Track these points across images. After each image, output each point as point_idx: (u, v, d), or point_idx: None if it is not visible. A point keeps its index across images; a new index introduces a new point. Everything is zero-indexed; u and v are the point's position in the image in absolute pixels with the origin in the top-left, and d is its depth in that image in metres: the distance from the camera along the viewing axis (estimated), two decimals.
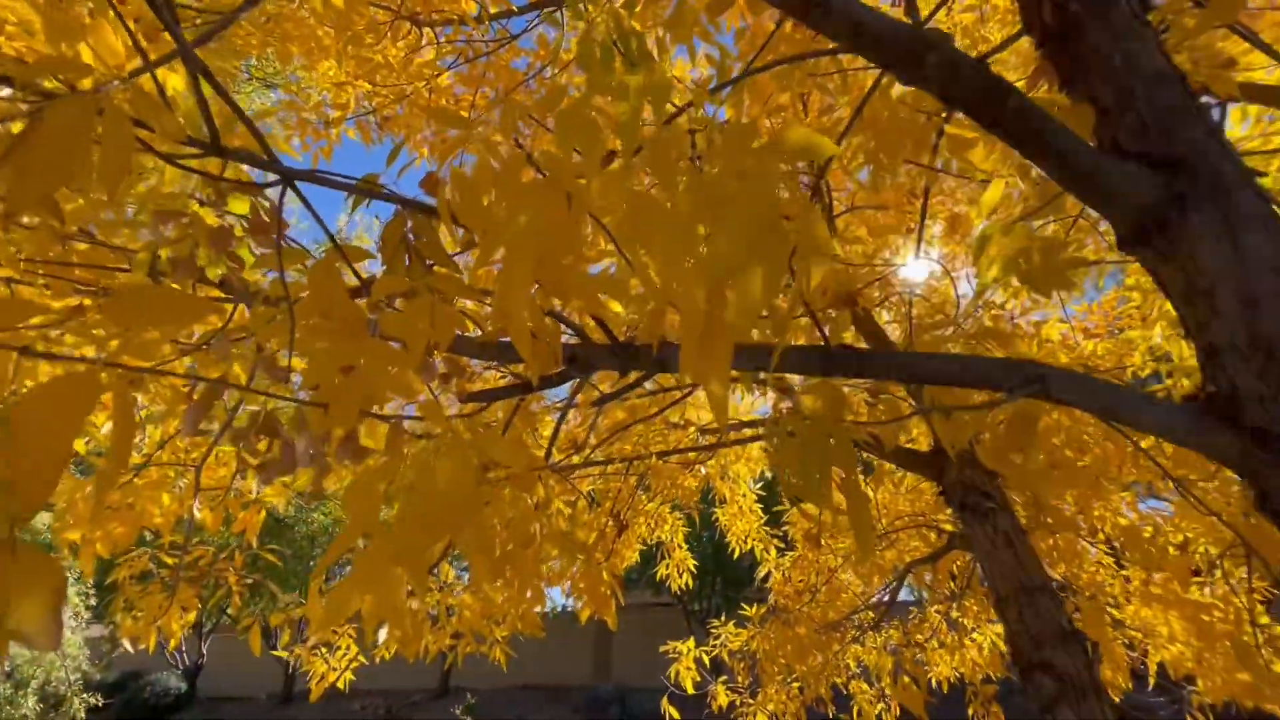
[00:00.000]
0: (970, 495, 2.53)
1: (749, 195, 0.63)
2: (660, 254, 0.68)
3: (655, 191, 0.83)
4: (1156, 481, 3.20)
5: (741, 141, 0.69)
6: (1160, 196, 1.18)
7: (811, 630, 3.93)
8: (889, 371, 1.38)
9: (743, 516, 5.71)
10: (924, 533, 4.01)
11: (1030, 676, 2.15)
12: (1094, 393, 1.19)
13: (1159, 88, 1.24)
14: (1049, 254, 1.45)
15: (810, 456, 1.15)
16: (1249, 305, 1.07)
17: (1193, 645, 3.11)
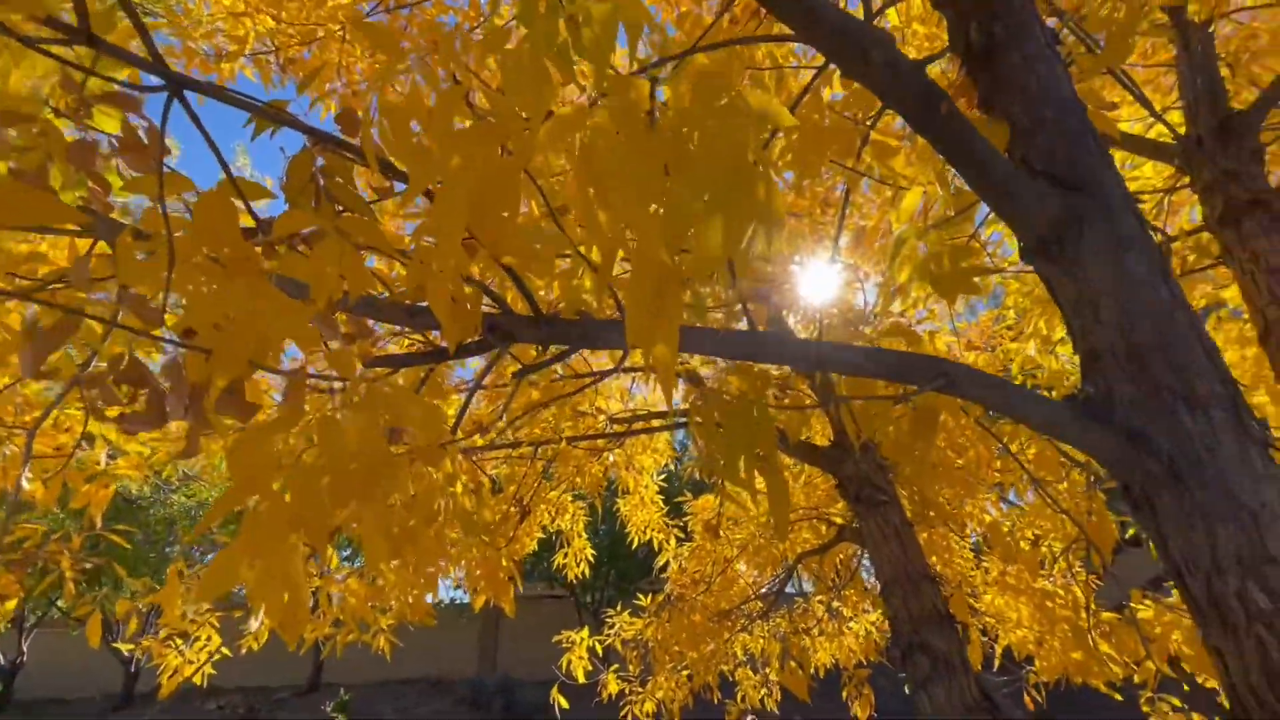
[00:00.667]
0: (865, 489, 2.70)
1: (716, 143, 0.61)
2: (619, 199, 0.63)
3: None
4: (1017, 484, 3.56)
5: (710, 94, 0.66)
6: (1061, 214, 1.28)
7: (705, 618, 4.04)
8: (809, 360, 1.42)
9: (644, 507, 5.76)
10: (816, 525, 4.24)
11: (910, 657, 2.32)
12: (994, 390, 1.28)
13: (1066, 114, 1.35)
14: (958, 259, 1.55)
15: (734, 435, 1.15)
16: (1127, 317, 1.19)
17: (1036, 629, 3.50)
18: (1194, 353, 1.13)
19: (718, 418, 1.18)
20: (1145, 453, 1.12)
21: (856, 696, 4.55)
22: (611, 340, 1.49)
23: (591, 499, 5.48)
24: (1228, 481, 1.04)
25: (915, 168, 1.76)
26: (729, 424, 1.13)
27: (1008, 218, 1.37)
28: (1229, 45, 3.06)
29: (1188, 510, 1.06)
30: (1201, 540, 1.04)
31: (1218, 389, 1.10)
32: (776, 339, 1.45)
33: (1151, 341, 1.16)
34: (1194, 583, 1.06)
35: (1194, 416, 1.09)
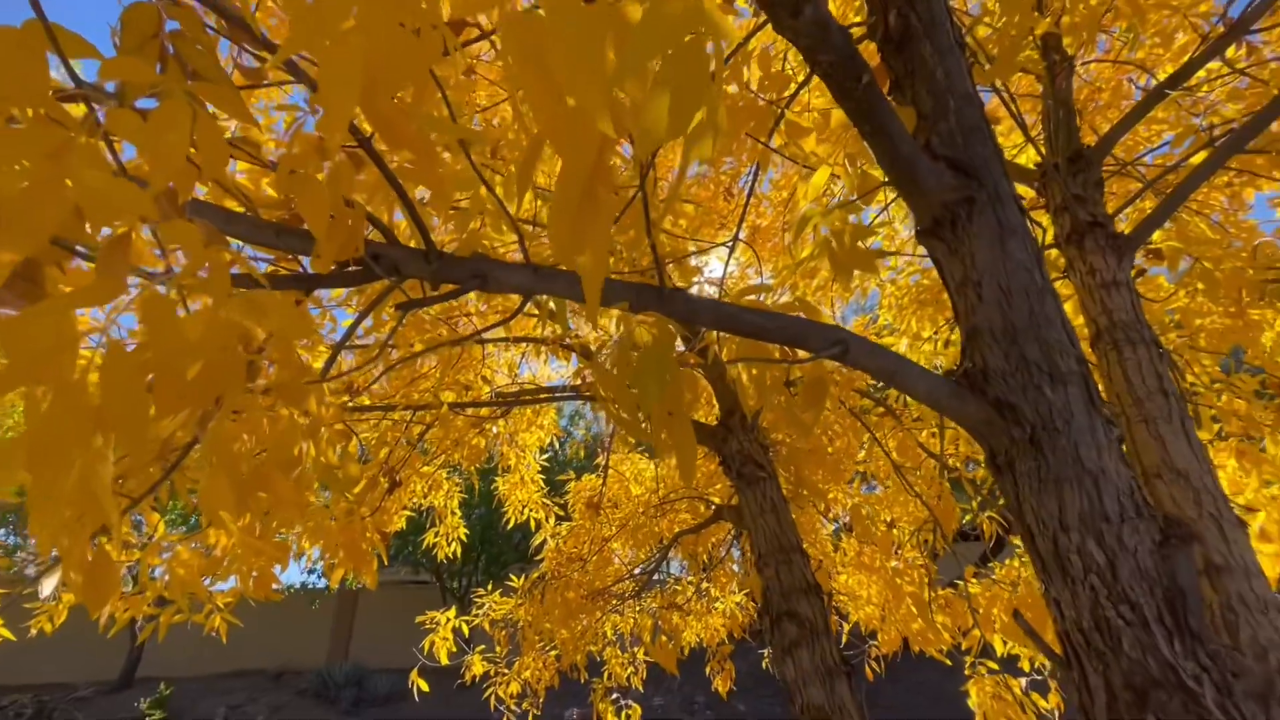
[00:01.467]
0: (747, 465, 2.79)
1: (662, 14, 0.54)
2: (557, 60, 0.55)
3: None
4: (878, 473, 3.86)
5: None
6: (957, 197, 1.36)
7: (579, 597, 4.01)
8: (717, 319, 1.40)
9: (524, 486, 5.61)
10: (694, 505, 4.35)
11: (778, 624, 2.43)
12: (884, 358, 1.33)
13: (967, 106, 1.43)
14: (857, 238, 1.60)
15: (645, 387, 1.09)
16: (1006, 297, 1.28)
17: (883, 605, 3.83)
18: (1059, 333, 1.24)
19: (626, 368, 1.12)
20: (1012, 422, 1.21)
21: (718, 671, 4.75)
22: (512, 282, 1.39)
23: (468, 475, 5.25)
24: (1078, 449, 1.14)
25: (825, 147, 1.81)
26: (639, 375, 1.08)
27: (908, 197, 1.43)
28: (1080, 94, 3.48)
29: (1043, 475, 1.16)
30: (1052, 502, 1.14)
31: (1075, 367, 1.21)
32: (686, 295, 1.42)
33: (1025, 321, 1.25)
34: (1042, 541, 1.16)
35: (1055, 390, 1.19)
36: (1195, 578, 1.04)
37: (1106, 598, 1.05)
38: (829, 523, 4.24)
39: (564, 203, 0.68)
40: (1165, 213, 2.15)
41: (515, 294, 1.42)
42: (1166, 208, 2.13)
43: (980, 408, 1.26)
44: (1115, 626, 1.03)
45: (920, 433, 3.45)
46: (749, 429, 2.88)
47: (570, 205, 0.67)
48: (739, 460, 2.81)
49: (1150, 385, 1.87)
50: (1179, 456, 1.74)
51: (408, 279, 1.44)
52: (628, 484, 4.63)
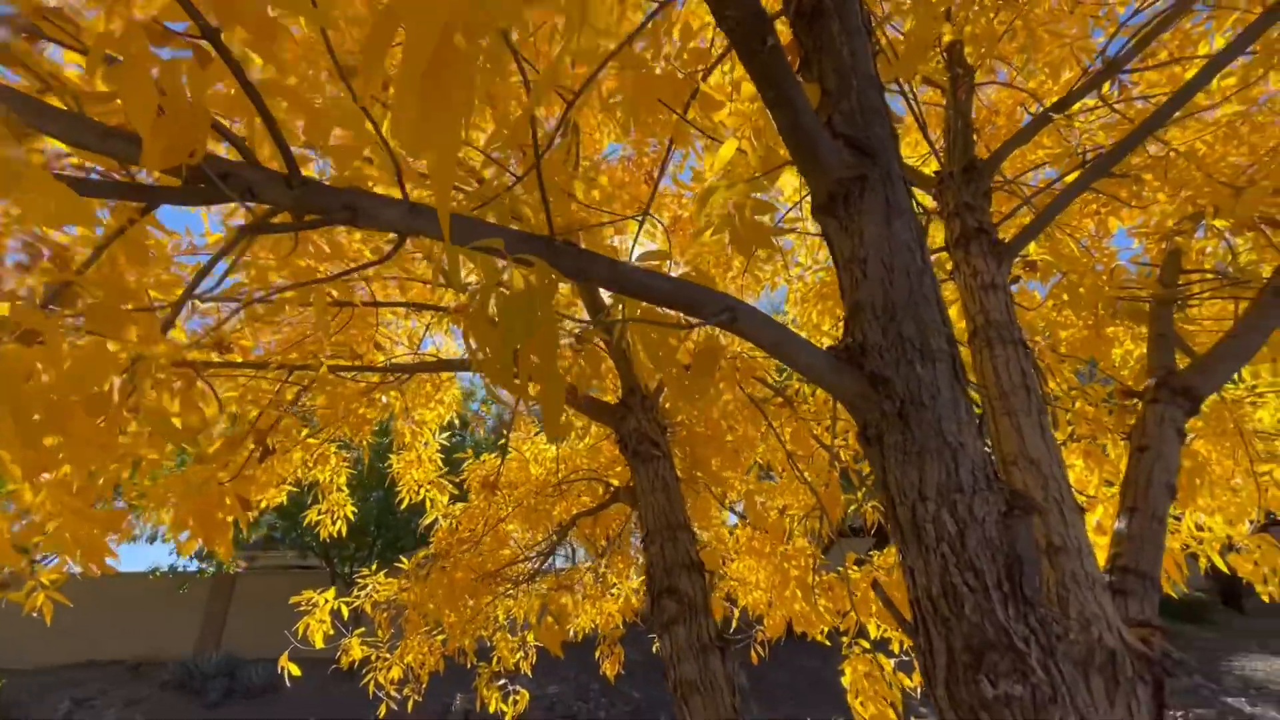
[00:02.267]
0: (643, 444, 2.77)
1: None
2: None
3: None
4: (774, 462, 3.97)
5: None
6: (851, 175, 1.37)
7: (469, 578, 3.86)
8: (610, 278, 1.34)
9: (420, 465, 5.36)
10: (594, 487, 4.30)
11: (659, 601, 2.42)
12: (770, 328, 1.32)
13: (869, 88, 1.45)
14: (758, 212, 1.60)
15: (511, 330, 1.02)
16: (889, 274, 1.31)
17: (771, 590, 3.96)
18: (934, 312, 1.27)
19: (494, 310, 1.04)
20: (884, 396, 1.23)
21: (608, 655, 4.74)
22: (384, 217, 1.27)
23: (359, 450, 4.94)
24: (941, 423, 1.18)
25: (735, 119, 1.79)
26: (506, 318, 1.00)
27: (807, 172, 1.43)
28: (979, 115, 3.71)
29: (907, 447, 1.19)
30: (914, 472, 1.17)
31: (945, 346, 1.25)
32: (578, 249, 1.36)
33: (904, 299, 1.28)
34: (902, 510, 1.19)
35: (925, 367, 1.22)
36: (1033, 547, 1.10)
37: (955, 565, 1.08)
38: (725, 509, 4.33)
39: (407, 81, 0.59)
40: (1040, 226, 2.30)
41: (389, 231, 1.30)
42: (1041, 221, 2.29)
43: (856, 381, 1.28)
44: (960, 593, 1.07)
45: (815, 425, 3.57)
46: (648, 408, 2.86)
47: (413, 84, 0.58)
48: (635, 439, 2.79)
49: (1015, 381, 2.00)
50: (1033, 447, 1.87)
51: (266, 205, 1.29)
52: (528, 464, 4.52)
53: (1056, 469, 1.84)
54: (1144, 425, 2.03)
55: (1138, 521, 1.79)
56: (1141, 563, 1.72)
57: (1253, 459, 3.14)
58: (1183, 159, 2.80)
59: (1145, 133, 2.15)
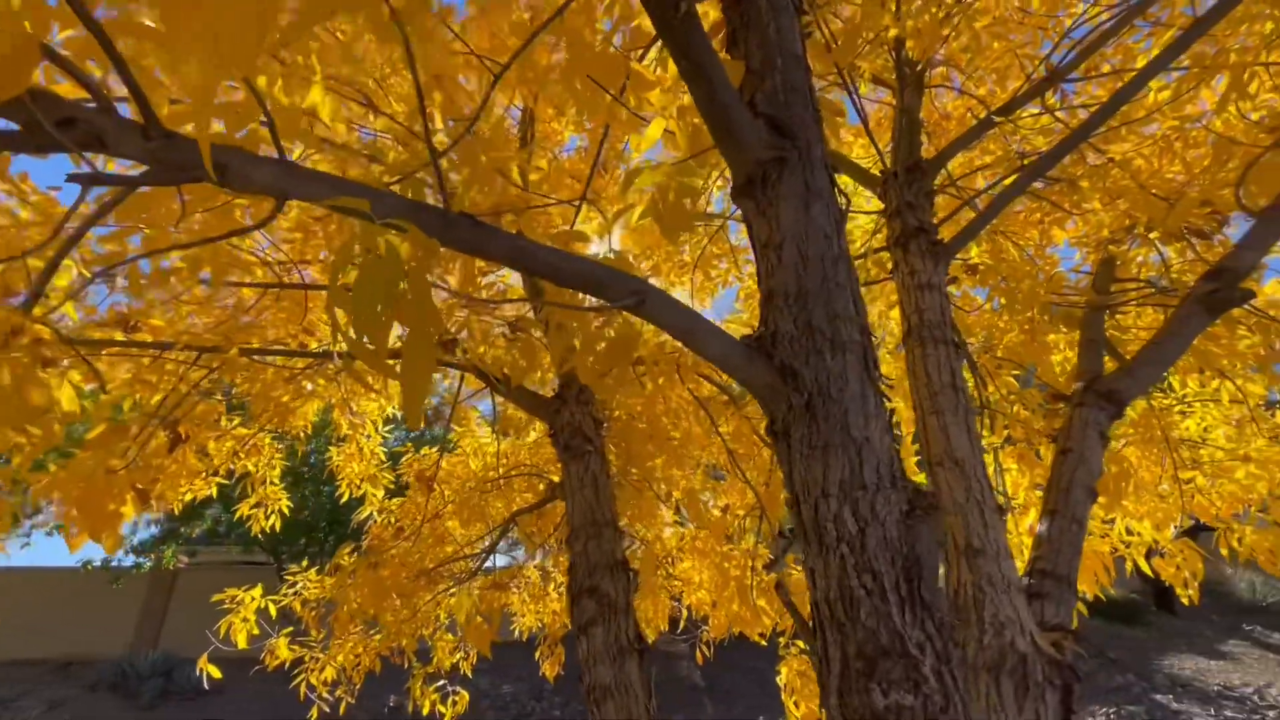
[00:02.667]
0: (575, 438, 2.68)
1: None
2: None
3: None
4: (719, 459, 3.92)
5: None
6: (771, 156, 1.31)
7: (400, 577, 3.70)
8: (509, 254, 1.25)
9: (360, 458, 5.16)
10: (535, 483, 4.18)
11: (579, 601, 2.34)
12: (681, 314, 1.25)
13: (794, 67, 1.39)
14: (683, 194, 1.52)
15: (364, 301, 0.91)
16: (803, 261, 1.25)
17: (713, 590, 3.91)
18: (846, 301, 1.21)
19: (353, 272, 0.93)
20: (793, 388, 1.17)
21: (548, 656, 4.63)
22: (257, 177, 1.15)
23: (291, 440, 4.72)
24: (847, 417, 1.12)
25: (666, 97, 1.72)
26: (361, 287, 0.89)
27: (727, 152, 1.36)
28: (931, 118, 3.72)
29: (813, 441, 1.13)
30: (818, 468, 1.11)
31: (856, 336, 1.19)
32: (475, 221, 1.26)
33: (817, 287, 1.22)
34: (805, 508, 1.12)
35: (834, 358, 1.16)
36: (934, 549, 1.05)
37: (853, 567, 1.03)
38: (669, 508, 4.27)
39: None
40: (977, 227, 2.29)
41: (263, 194, 1.18)
42: (979, 222, 2.28)
43: (767, 372, 1.22)
44: (857, 597, 1.01)
45: (759, 424, 3.53)
46: (584, 401, 2.77)
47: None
48: (567, 432, 2.69)
49: (944, 381, 1.98)
50: (959, 447, 1.85)
51: (121, 158, 1.16)
52: (468, 458, 4.37)
53: (979, 469, 1.81)
54: (1069, 428, 2.02)
55: (1058, 525, 1.78)
56: (1059, 566, 1.71)
57: (1178, 466, 3.21)
58: (1118, 170, 2.84)
59: (1078, 139, 2.15)
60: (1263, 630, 15.60)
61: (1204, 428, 3.72)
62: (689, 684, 12.66)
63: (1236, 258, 2.19)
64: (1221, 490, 3.45)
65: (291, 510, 5.14)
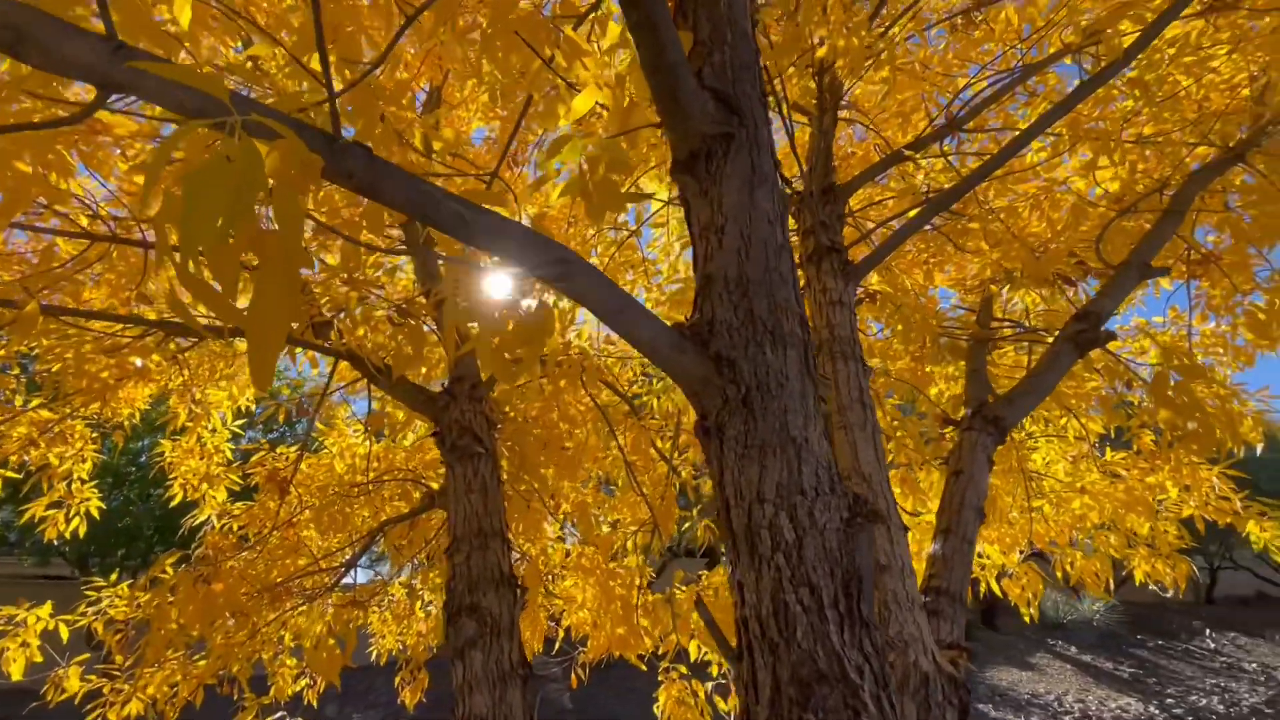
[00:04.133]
0: (463, 437, 2.41)
1: None
2: None
3: None
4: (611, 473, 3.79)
5: None
6: (717, 132, 1.20)
7: (238, 593, 3.16)
8: (409, 199, 1.04)
9: (200, 455, 4.45)
10: (409, 490, 3.79)
11: (457, 619, 2.07)
12: (610, 292, 1.10)
13: (743, 43, 1.30)
14: (614, 169, 1.38)
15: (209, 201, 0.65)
16: (746, 246, 1.15)
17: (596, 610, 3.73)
18: (788, 293, 1.13)
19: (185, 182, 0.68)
20: (729, 380, 1.06)
21: (409, 681, 4.19)
22: (74, 55, 0.86)
23: (112, 430, 3.98)
24: (786, 415, 1.03)
25: (596, 67, 1.58)
26: (202, 185, 0.64)
27: (669, 121, 1.24)
28: (839, 153, 3.89)
29: (749, 440, 1.02)
30: (753, 469, 1.00)
31: (798, 330, 1.11)
32: (369, 153, 1.04)
33: (759, 275, 1.12)
34: (737, 514, 1.01)
35: (775, 352, 1.07)
36: (871, 560, 0.97)
37: (789, 580, 0.92)
38: (556, 521, 4.05)
39: None
40: (884, 253, 2.36)
41: (80, 77, 0.89)
42: (885, 249, 2.35)
43: (700, 362, 1.10)
44: (793, 613, 0.90)
45: (658, 437, 3.45)
46: (476, 398, 2.52)
47: None
48: (455, 431, 2.42)
49: (853, 396, 1.98)
50: (866, 462, 1.85)
51: None
52: (333, 460, 3.89)
53: (885, 485, 1.82)
54: (960, 451, 2.10)
55: (951, 543, 1.82)
56: (953, 584, 1.73)
57: (1029, 495, 3.51)
58: (998, 222, 3.09)
59: (976, 180, 2.30)
60: (1063, 644, 17.85)
61: (1046, 461, 4.13)
62: (557, 708, 12.25)
63: (1099, 303, 2.42)
64: (1060, 519, 3.83)
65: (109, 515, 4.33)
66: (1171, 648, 17.58)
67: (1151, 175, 3.07)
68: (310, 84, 1.91)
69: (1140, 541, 3.90)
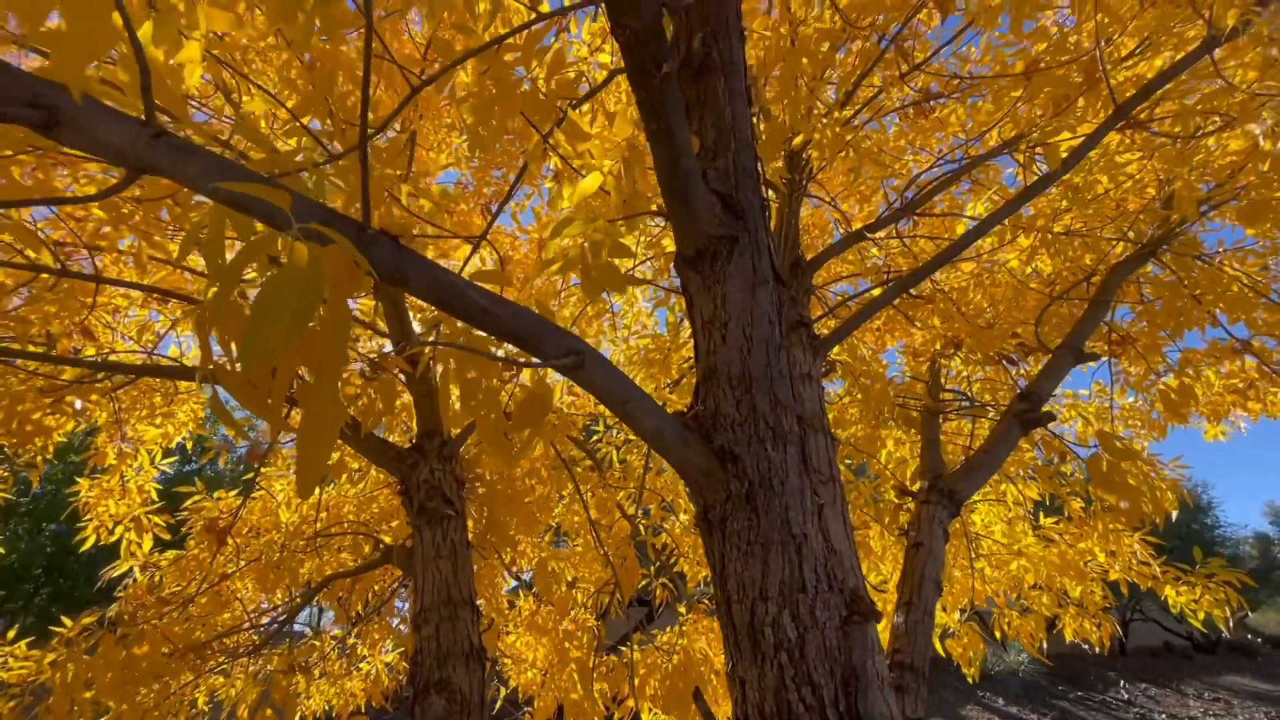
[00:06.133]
0: (433, 499, 2.34)
1: None
2: None
3: None
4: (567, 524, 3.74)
5: None
6: (722, 233, 1.29)
7: (158, 654, 2.90)
8: (433, 289, 1.06)
9: (123, 496, 4.12)
10: (360, 543, 3.61)
11: (424, 697, 1.97)
12: (620, 384, 1.14)
13: (744, 152, 1.40)
14: (615, 253, 1.44)
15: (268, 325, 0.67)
16: (748, 344, 1.21)
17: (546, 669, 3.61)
18: (787, 390, 1.20)
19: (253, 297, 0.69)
20: (733, 474, 1.10)
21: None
22: (110, 138, 0.85)
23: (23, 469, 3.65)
24: (788, 512, 1.08)
25: (603, 152, 1.66)
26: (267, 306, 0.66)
27: (677, 219, 1.32)
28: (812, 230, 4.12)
29: (752, 536, 1.06)
30: (757, 567, 1.04)
31: (796, 428, 1.17)
32: (397, 243, 1.06)
33: (761, 372, 1.19)
34: (739, 610, 1.04)
35: (776, 448, 1.13)
36: (867, 656, 1.02)
37: (792, 678, 0.95)
38: (510, 578, 3.94)
39: None
40: (850, 328, 2.50)
41: (115, 162, 0.88)
42: (851, 324, 2.49)
43: (704, 455, 1.14)
44: (796, 712, 0.93)
45: (619, 493, 3.45)
46: (446, 458, 2.46)
47: None
48: (425, 492, 2.35)
49: (825, 473, 2.06)
50: (837, 539, 1.91)
51: None
52: (278, 508, 3.67)
53: (855, 561, 1.88)
54: (918, 523, 2.20)
55: (913, 617, 1.89)
56: (915, 659, 1.79)
57: (972, 557, 3.68)
58: (943, 299, 3.33)
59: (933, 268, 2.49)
60: (991, 695, 18.32)
61: (985, 523, 4.34)
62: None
63: (1039, 385, 2.62)
64: (998, 579, 4.01)
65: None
66: (1090, 699, 18.31)
67: (1080, 264, 3.40)
68: (308, 142, 1.91)
69: (1070, 602, 4.13)
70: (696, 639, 3.37)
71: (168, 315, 3.80)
